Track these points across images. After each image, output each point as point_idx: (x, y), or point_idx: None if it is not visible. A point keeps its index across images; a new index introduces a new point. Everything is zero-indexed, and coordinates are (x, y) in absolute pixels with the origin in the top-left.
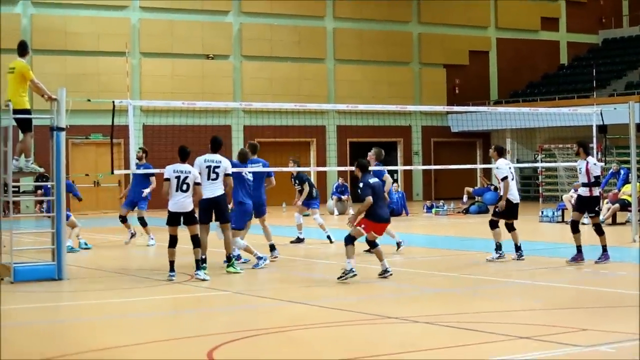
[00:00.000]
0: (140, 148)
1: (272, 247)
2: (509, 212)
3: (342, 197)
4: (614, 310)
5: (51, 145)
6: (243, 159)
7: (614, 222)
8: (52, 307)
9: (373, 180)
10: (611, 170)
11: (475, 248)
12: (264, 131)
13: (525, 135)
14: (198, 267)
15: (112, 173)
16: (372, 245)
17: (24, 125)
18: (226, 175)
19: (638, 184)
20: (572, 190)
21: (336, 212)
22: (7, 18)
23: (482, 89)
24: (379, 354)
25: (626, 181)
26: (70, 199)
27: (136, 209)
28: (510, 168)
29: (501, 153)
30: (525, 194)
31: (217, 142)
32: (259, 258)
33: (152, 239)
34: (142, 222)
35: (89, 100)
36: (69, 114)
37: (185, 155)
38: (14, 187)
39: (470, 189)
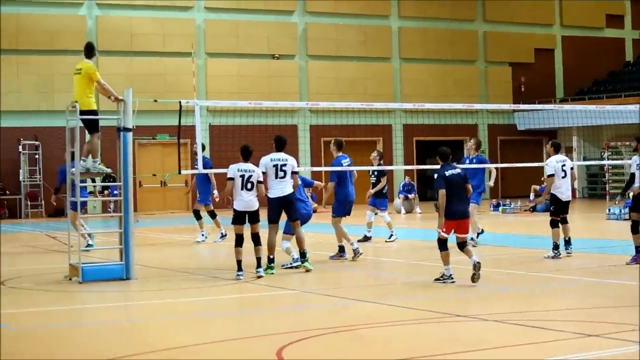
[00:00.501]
0: (195, 144)
1: (341, 249)
2: (558, 209)
3: (409, 195)
4: None
5: (118, 145)
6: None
7: None
8: (120, 306)
9: (451, 172)
10: None
11: (542, 246)
12: (330, 130)
13: (591, 132)
14: (258, 265)
15: (179, 173)
16: (441, 245)
17: (91, 126)
18: (293, 173)
19: None
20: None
21: (403, 211)
22: (72, 20)
23: (547, 87)
24: (447, 352)
25: None
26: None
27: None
28: (563, 165)
29: (557, 149)
30: (592, 192)
31: (282, 140)
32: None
33: (202, 234)
34: (197, 215)
35: (155, 101)
36: (136, 115)
37: (247, 154)
38: (81, 187)
39: (537, 187)
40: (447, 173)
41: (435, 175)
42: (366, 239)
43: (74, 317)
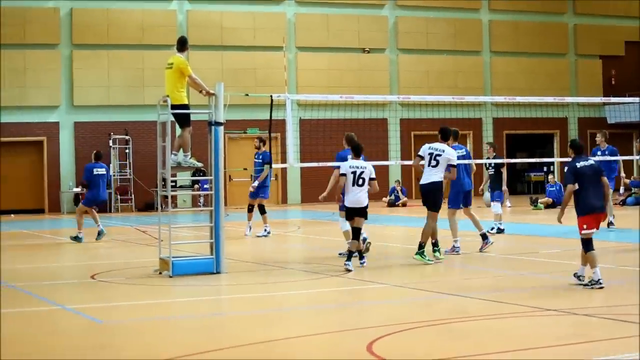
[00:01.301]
0: (257, 137)
1: (484, 236)
2: None
3: None
4: None
5: (209, 139)
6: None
7: None
8: (209, 300)
9: (582, 163)
10: None
11: (633, 239)
12: (420, 124)
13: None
14: (349, 258)
15: (271, 167)
16: (585, 245)
17: (182, 120)
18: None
19: None
20: None
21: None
22: (163, 14)
23: (638, 80)
24: (537, 346)
25: None
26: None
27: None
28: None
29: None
30: None
31: (446, 132)
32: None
33: (265, 229)
34: (262, 210)
35: (246, 95)
36: (227, 109)
37: (359, 151)
38: (171, 181)
39: (628, 181)
40: (579, 165)
41: (566, 169)
42: (500, 231)
43: (163, 311)
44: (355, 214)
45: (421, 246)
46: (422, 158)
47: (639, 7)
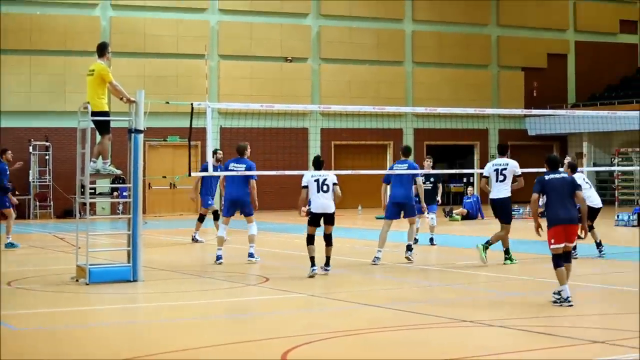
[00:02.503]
0: (218, 150)
1: (409, 247)
2: (590, 216)
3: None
4: None
5: (129, 147)
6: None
7: None
8: (126, 308)
9: (553, 176)
10: None
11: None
12: (341, 134)
13: (602, 138)
14: (327, 264)
15: (189, 175)
16: (554, 261)
17: (102, 127)
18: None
19: None
20: None
21: None
22: (86, 21)
23: (560, 92)
24: (453, 357)
25: None
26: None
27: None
28: (584, 179)
29: (574, 170)
30: (602, 198)
31: (504, 147)
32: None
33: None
34: (216, 216)
35: (167, 103)
36: (147, 116)
37: (319, 164)
38: (90, 188)
39: None
40: (547, 177)
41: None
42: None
43: (79, 319)
44: (320, 220)
45: (507, 251)
46: (487, 178)
47: (562, 20)
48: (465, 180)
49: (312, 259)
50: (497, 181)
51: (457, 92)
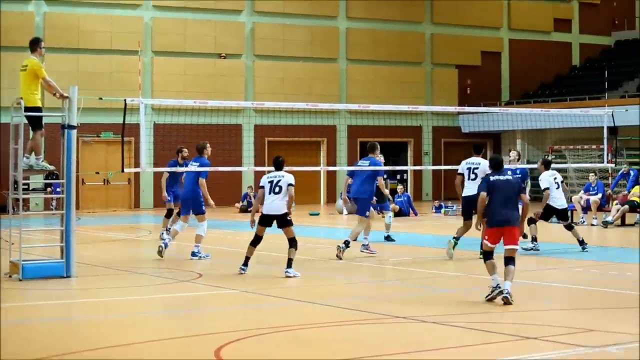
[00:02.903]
0: (183, 148)
1: (347, 243)
2: (549, 215)
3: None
4: (621, 311)
5: (62, 143)
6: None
7: (623, 224)
8: (59, 304)
9: (497, 177)
10: (621, 172)
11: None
12: (274, 130)
13: (535, 136)
14: (289, 265)
15: (123, 171)
16: (485, 255)
17: (35, 123)
18: (289, 185)
19: None
20: (582, 192)
21: (345, 212)
22: (20, 16)
23: (493, 90)
24: (386, 353)
25: (636, 182)
26: None
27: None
28: (555, 179)
29: (548, 166)
30: (535, 194)
31: (479, 146)
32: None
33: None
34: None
35: (100, 99)
36: (80, 112)
37: (279, 165)
38: (23, 184)
39: None
40: (492, 178)
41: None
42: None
43: (12, 315)
44: (270, 221)
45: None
46: (462, 175)
47: (496, 18)
48: (398, 177)
49: (246, 258)
50: (468, 179)
51: (391, 90)
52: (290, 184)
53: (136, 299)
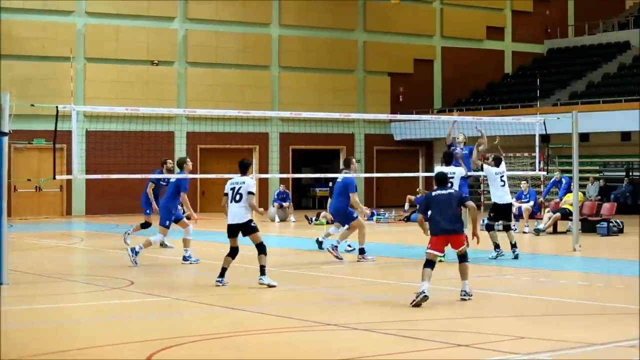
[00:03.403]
0: (168, 160)
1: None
2: (498, 215)
3: (284, 204)
4: (551, 318)
5: None
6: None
7: (555, 231)
8: None
9: (438, 192)
10: (553, 179)
11: (417, 256)
12: (207, 138)
13: (468, 143)
14: (262, 273)
15: (54, 178)
16: (425, 262)
17: None
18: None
19: (580, 193)
20: (514, 199)
21: (277, 220)
22: None
23: (426, 98)
24: (317, 359)
25: (568, 190)
26: None
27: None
28: (502, 176)
29: (498, 163)
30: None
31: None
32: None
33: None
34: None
35: (32, 105)
36: (12, 119)
37: (244, 168)
38: None
39: (413, 197)
40: (434, 193)
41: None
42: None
43: None
44: (236, 231)
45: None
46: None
47: (428, 26)
48: (330, 184)
49: (222, 269)
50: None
51: (323, 97)
52: (250, 192)
53: (68, 307)
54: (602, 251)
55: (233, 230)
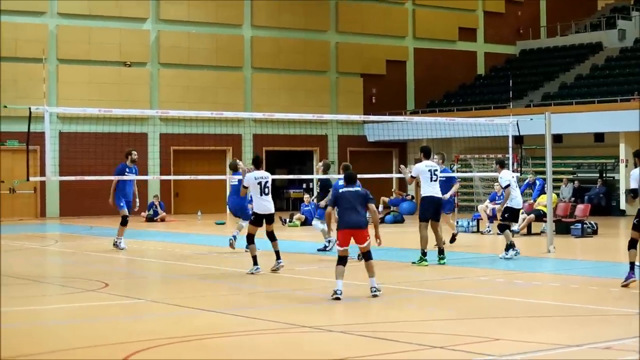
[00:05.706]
0: (133, 150)
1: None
2: (512, 217)
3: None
4: (527, 320)
5: None
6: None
7: (529, 233)
8: None
9: (347, 189)
10: (527, 181)
11: (390, 257)
12: (180, 139)
13: (441, 145)
14: (278, 257)
15: (28, 180)
16: (338, 259)
17: None
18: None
19: (553, 194)
20: (488, 201)
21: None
22: None
23: (399, 99)
24: None
25: (542, 192)
26: None
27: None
28: (513, 177)
29: (503, 166)
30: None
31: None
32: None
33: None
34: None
35: (5, 107)
36: None
37: (259, 163)
38: None
39: (386, 199)
40: (341, 190)
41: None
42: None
43: None
44: (263, 221)
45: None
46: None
47: (400, 27)
48: (304, 186)
49: (254, 258)
50: (431, 181)
51: (296, 98)
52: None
53: (41, 309)
54: (576, 253)
55: (261, 220)
